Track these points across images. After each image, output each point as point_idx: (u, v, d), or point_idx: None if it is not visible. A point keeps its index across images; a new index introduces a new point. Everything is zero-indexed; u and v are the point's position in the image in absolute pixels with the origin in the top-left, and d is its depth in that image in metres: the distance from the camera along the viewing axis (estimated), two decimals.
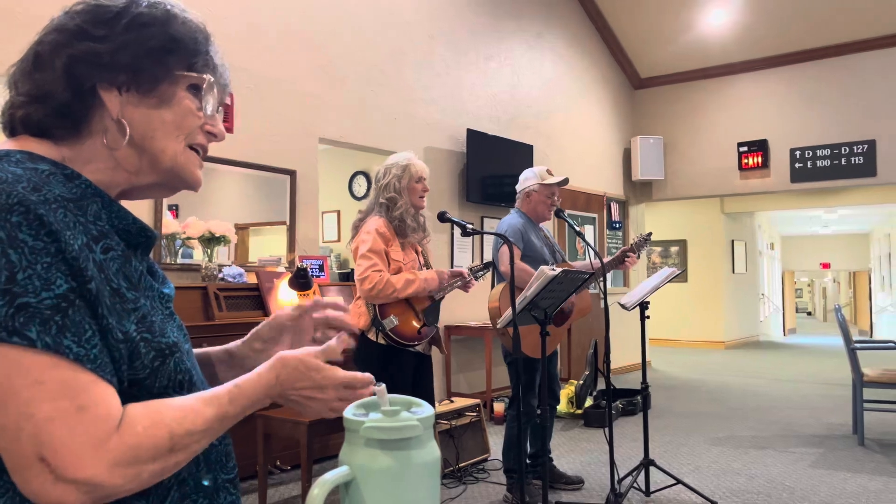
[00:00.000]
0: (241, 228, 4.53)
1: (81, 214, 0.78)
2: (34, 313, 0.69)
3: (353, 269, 7.38)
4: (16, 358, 0.68)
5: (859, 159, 7.76)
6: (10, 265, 0.69)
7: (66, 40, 0.83)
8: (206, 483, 0.86)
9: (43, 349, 0.69)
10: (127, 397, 0.76)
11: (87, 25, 0.83)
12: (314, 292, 4.43)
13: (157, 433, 0.74)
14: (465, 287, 3.30)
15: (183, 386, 0.85)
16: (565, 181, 3.78)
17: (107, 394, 0.73)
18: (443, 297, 3.25)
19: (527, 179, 3.82)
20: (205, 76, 0.90)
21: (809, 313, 31.99)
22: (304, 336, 1.08)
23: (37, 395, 0.68)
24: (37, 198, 0.73)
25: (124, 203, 0.89)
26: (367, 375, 0.91)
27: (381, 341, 3.06)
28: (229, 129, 4.44)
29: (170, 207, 4.17)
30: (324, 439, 4.32)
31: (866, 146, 7.72)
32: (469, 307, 6.15)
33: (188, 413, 0.77)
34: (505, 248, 3.58)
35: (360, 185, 7.56)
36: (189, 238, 4.08)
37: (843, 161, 7.85)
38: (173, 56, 0.87)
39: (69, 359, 0.70)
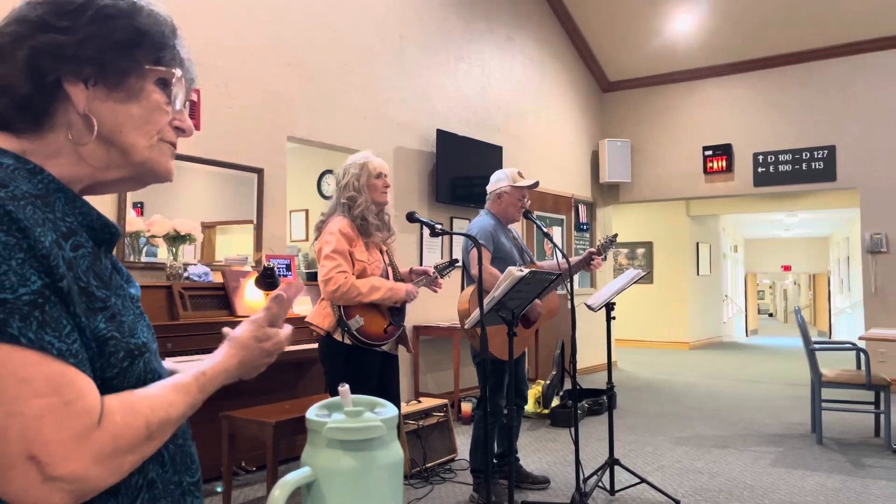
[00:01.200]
0: (208, 227, 4.47)
1: (49, 211, 0.77)
2: (13, 310, 0.68)
3: None
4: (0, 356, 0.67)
5: (819, 164, 7.95)
6: None
7: (27, 32, 0.81)
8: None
9: (27, 345, 0.68)
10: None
11: (50, 17, 0.81)
12: None
13: (134, 423, 0.74)
14: (432, 285, 3.29)
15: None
16: (536, 184, 3.81)
17: (89, 387, 0.72)
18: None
19: (498, 181, 3.83)
20: (174, 70, 0.88)
21: (771, 315, 32.62)
22: None
23: (24, 392, 0.67)
24: (5, 194, 0.72)
25: (88, 199, 0.88)
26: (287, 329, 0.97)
27: (347, 341, 3.05)
28: (196, 126, 4.38)
29: (134, 205, 4.10)
30: (290, 440, 4.28)
31: (826, 151, 7.91)
32: (438, 308, 6.16)
33: (161, 402, 0.78)
34: (475, 250, 3.59)
35: (329, 184, 7.52)
36: (154, 236, 4.01)
37: (805, 166, 8.04)
38: (140, 49, 0.85)
39: (53, 354, 0.70)
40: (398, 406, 3.63)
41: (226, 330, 1.07)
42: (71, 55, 0.81)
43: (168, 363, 1.10)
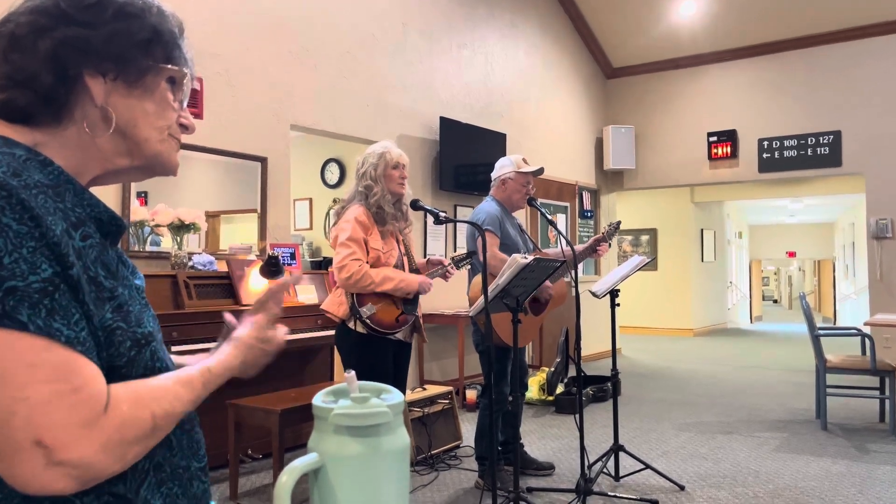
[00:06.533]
0: (212, 216, 4.47)
1: (60, 201, 0.78)
2: (23, 297, 0.69)
3: (325, 258, 7.28)
4: (8, 341, 0.68)
5: (825, 150, 7.91)
6: None
7: (49, 23, 0.81)
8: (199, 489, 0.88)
9: (35, 332, 0.69)
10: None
11: (71, 10, 0.82)
12: None
13: (140, 414, 0.75)
14: (445, 276, 3.31)
15: (159, 375, 0.85)
16: (541, 170, 3.80)
17: (96, 375, 0.73)
18: None
19: (503, 167, 3.83)
20: (184, 69, 0.92)
21: (775, 301, 32.57)
22: None
23: (32, 378, 0.68)
24: (18, 182, 0.73)
25: (95, 189, 0.89)
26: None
27: (361, 330, 3.06)
28: (198, 116, 4.37)
29: (138, 195, 4.11)
30: (296, 428, 4.30)
31: (832, 137, 7.87)
32: (442, 295, 6.16)
33: (167, 395, 0.80)
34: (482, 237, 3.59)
35: (333, 173, 7.51)
36: (158, 225, 4.02)
37: (810, 151, 8.00)
38: (157, 48, 0.88)
39: (60, 341, 0.70)
40: (404, 393, 3.65)
41: (228, 317, 1.08)
42: (95, 50, 0.82)
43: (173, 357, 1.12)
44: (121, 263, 0.88)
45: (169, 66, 0.89)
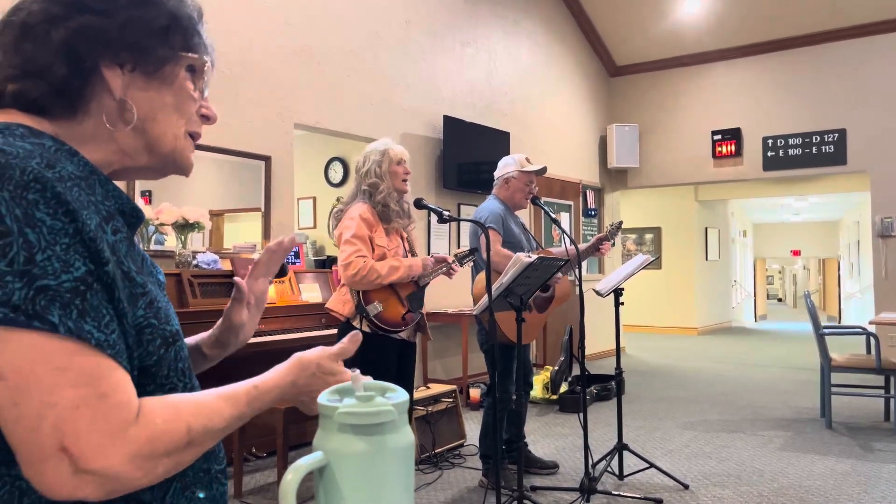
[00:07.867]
0: (216, 215, 4.48)
1: (91, 193, 0.74)
2: (54, 296, 0.66)
3: (329, 257, 7.30)
4: (38, 343, 0.65)
5: (830, 148, 7.89)
6: (29, 245, 0.65)
7: (62, 12, 0.78)
8: (201, 496, 0.84)
9: (65, 334, 0.66)
10: (136, 386, 0.73)
11: None
12: (289, 279, 4.41)
13: (175, 427, 0.72)
14: (449, 273, 3.31)
15: (185, 373, 0.83)
16: (544, 169, 3.80)
17: (125, 381, 0.70)
18: (427, 284, 3.24)
19: (506, 166, 3.83)
20: (205, 58, 0.87)
21: (780, 300, 32.49)
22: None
23: (60, 382, 0.65)
24: (52, 174, 0.69)
25: None
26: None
27: (366, 329, 3.05)
28: None
29: (142, 193, 4.11)
30: (300, 426, 4.31)
31: (837, 135, 7.84)
32: (445, 294, 6.16)
33: (206, 409, 0.75)
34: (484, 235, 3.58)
35: (336, 172, 7.51)
36: (162, 224, 4.02)
37: (815, 149, 7.98)
38: (176, 36, 0.83)
39: (91, 344, 0.67)
40: (411, 392, 3.65)
41: (238, 280, 1.05)
42: (111, 39, 0.78)
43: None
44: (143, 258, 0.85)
45: (189, 54, 0.85)
